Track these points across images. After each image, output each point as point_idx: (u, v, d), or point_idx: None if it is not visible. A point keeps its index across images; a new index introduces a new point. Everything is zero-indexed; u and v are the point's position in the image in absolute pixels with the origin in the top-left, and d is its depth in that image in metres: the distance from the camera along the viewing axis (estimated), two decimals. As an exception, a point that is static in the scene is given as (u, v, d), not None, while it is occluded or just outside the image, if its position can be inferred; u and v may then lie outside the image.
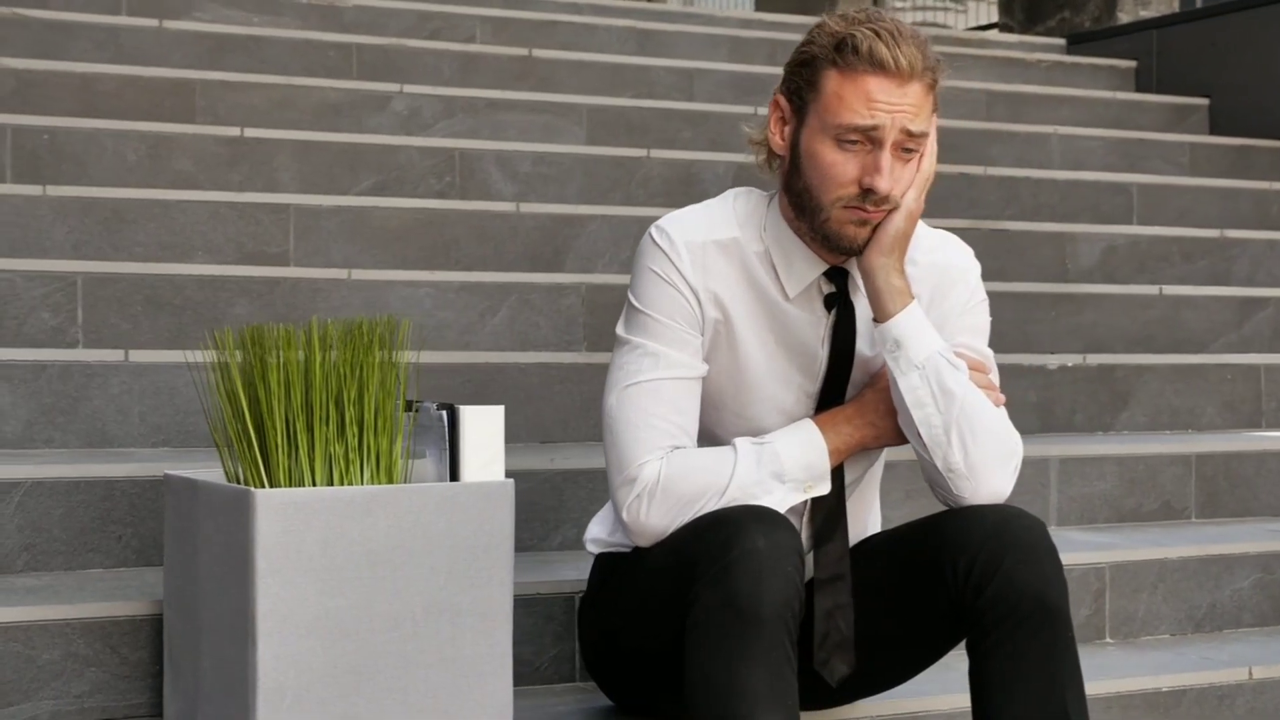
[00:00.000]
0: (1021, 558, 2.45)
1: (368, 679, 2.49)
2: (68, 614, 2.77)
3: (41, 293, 3.75)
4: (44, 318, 3.74)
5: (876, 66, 2.48)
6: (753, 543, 2.36)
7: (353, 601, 2.48)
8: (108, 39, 5.28)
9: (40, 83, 4.83)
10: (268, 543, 2.43)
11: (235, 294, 3.91)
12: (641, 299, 2.59)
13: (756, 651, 2.33)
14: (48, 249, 4.08)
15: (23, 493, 3.05)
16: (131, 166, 4.54)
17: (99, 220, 4.15)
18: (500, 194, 4.93)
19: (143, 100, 4.92)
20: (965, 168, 5.69)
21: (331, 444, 2.49)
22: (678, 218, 2.64)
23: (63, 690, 2.76)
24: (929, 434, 2.53)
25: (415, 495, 2.52)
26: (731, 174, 5.25)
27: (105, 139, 4.52)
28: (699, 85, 6.12)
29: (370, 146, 4.83)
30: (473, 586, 2.55)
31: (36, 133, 4.45)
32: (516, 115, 5.41)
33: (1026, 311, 4.81)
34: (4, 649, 2.73)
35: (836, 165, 2.50)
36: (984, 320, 2.70)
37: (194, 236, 4.23)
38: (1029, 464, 3.87)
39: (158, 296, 3.84)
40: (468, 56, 5.79)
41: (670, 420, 2.54)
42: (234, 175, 4.64)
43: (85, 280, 3.78)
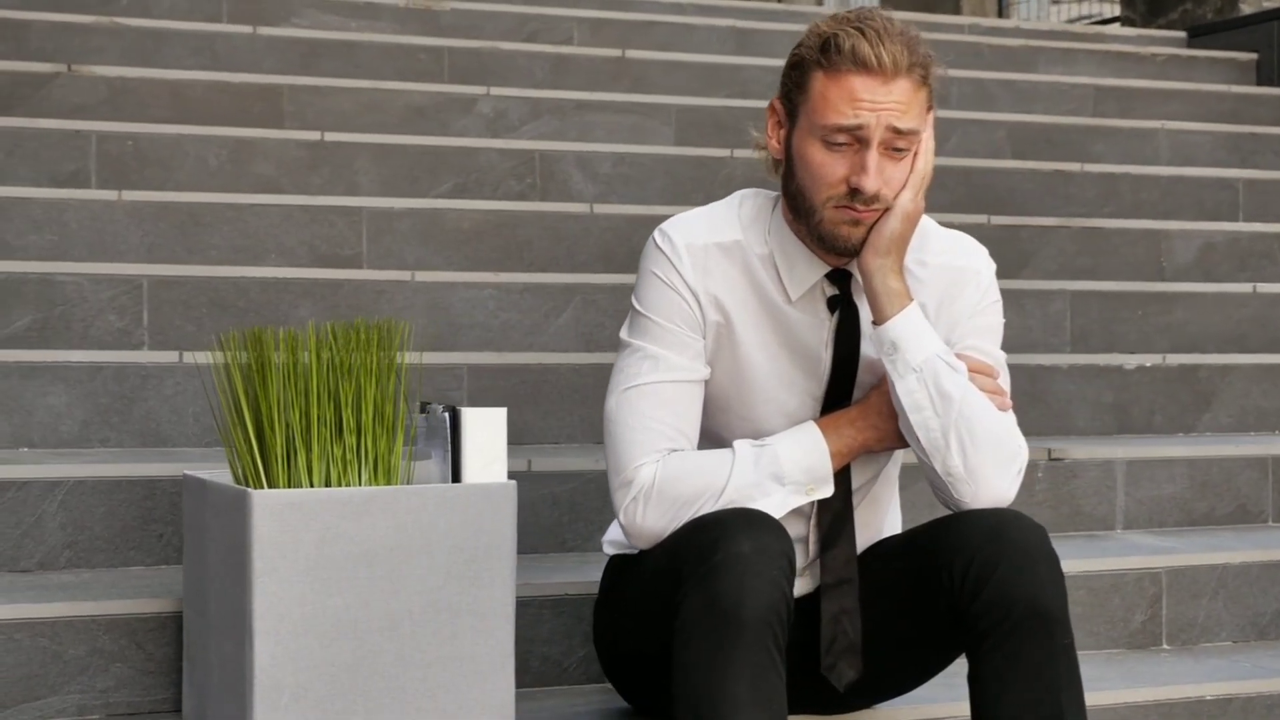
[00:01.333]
0: (1016, 563, 2.41)
1: (365, 677, 2.51)
2: (94, 610, 2.83)
3: (109, 295, 3.83)
4: (110, 320, 3.82)
5: (860, 65, 2.46)
6: (737, 546, 2.35)
7: (350, 601, 2.50)
8: (203, 45, 5.39)
9: (131, 90, 4.94)
10: (264, 542, 2.46)
11: (299, 296, 3.97)
12: (643, 302, 2.59)
13: (739, 655, 2.32)
14: (123, 252, 4.17)
15: (65, 491, 3.12)
16: (213, 171, 4.62)
17: (174, 224, 4.23)
18: (580, 195, 4.95)
19: (230, 106, 5.00)
20: (1062, 165, 5.60)
21: (329, 445, 2.52)
22: (681, 220, 2.64)
23: (88, 685, 2.82)
24: (926, 437, 2.50)
25: (413, 496, 2.54)
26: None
27: (188, 144, 4.61)
28: (796, 84, 6.07)
29: (451, 149, 4.87)
30: (473, 587, 2.57)
31: (121, 139, 4.55)
32: (605, 116, 5.42)
33: (1113, 311, 4.73)
34: (31, 644, 2.79)
35: (825, 166, 2.49)
36: (995, 322, 2.66)
37: (267, 240, 4.29)
38: (1095, 466, 3.82)
39: (222, 299, 3.91)
40: (560, 58, 5.82)
41: (668, 423, 2.54)
42: (314, 179, 4.71)
43: (151, 283, 3.86)
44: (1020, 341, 4.56)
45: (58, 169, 4.47)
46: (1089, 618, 3.43)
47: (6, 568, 3.09)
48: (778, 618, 2.34)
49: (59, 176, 4.47)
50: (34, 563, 3.11)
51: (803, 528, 2.64)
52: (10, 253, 4.07)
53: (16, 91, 4.82)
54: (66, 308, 3.79)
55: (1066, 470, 3.83)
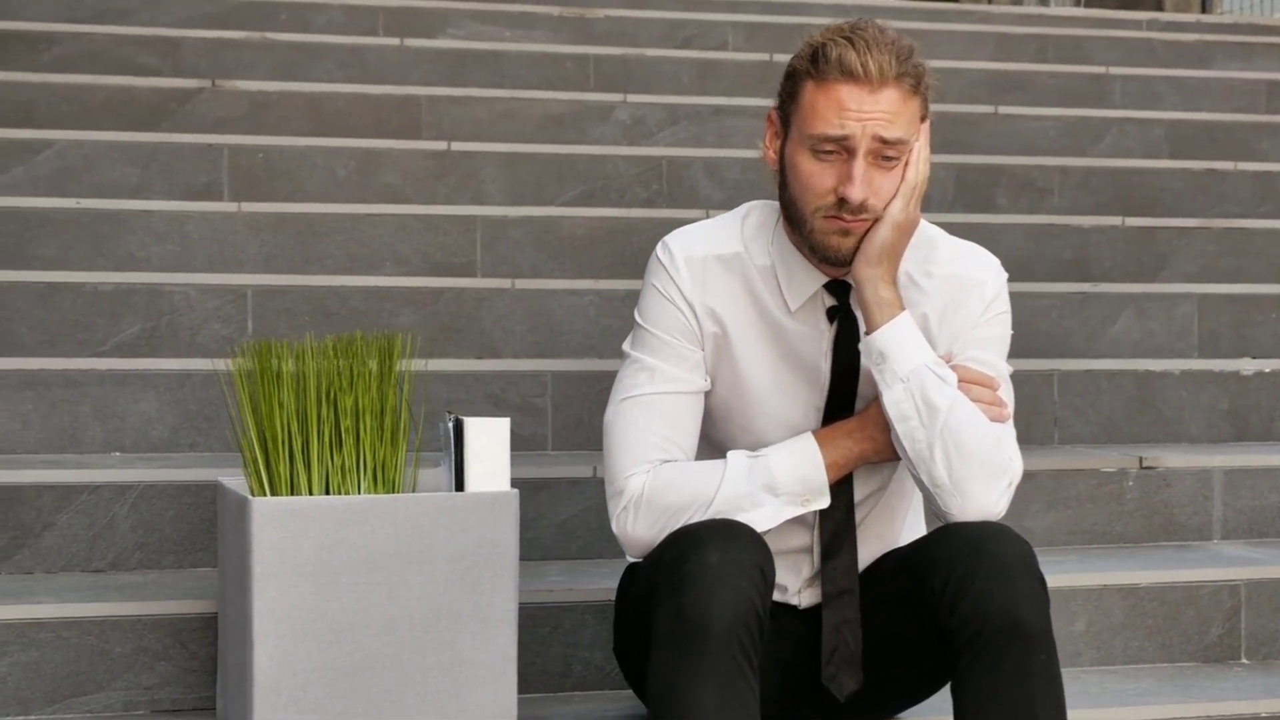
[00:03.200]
0: (993, 577, 2.38)
1: (364, 680, 2.58)
2: (139, 610, 2.96)
3: (214, 305, 3.98)
4: (215, 328, 3.97)
5: (847, 74, 2.45)
6: (706, 557, 2.37)
7: (349, 606, 2.58)
8: (351, 59, 5.54)
9: (272, 104, 5.11)
10: (264, 548, 2.55)
11: (400, 304, 4.07)
12: (643, 314, 2.62)
13: (706, 666, 2.33)
14: (242, 262, 4.32)
15: (136, 495, 3.26)
16: (341, 182, 4.75)
17: (291, 235, 4.36)
18: (707, 201, 4.97)
19: (369, 117, 5.14)
20: (1215, 163, 5.45)
21: (328, 453, 2.60)
22: (684, 232, 2.66)
23: (134, 682, 2.94)
24: (913, 448, 2.48)
25: (412, 504, 2.61)
26: (952, 177, 5.17)
27: (316, 156, 4.75)
28: (950, 85, 6.00)
29: (578, 157, 4.94)
30: (474, 593, 2.62)
31: (251, 152, 4.71)
32: (743, 121, 5.43)
33: (1246, 314, 4.59)
34: (80, 642, 2.93)
35: (814, 175, 2.49)
36: (999, 333, 2.63)
37: (382, 249, 4.41)
38: (1190, 475, 3.74)
39: (324, 307, 4.03)
40: (707, 64, 5.85)
41: (661, 434, 2.56)
42: (440, 188, 4.81)
43: (255, 293, 4.00)
44: (1141, 347, 4.47)
45: (191, 182, 4.65)
46: (1161, 630, 3.36)
47: (79, 567, 3.24)
48: (745, 628, 2.35)
49: (192, 189, 4.64)
50: (106, 563, 3.25)
51: (806, 538, 2.64)
52: (134, 264, 4.25)
53: (163, 107, 5.02)
54: (174, 316, 3.95)
55: (1159, 479, 3.74)
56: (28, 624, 2.91)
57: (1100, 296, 4.50)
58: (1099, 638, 3.35)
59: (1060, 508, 3.70)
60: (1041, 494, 3.69)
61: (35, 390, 3.57)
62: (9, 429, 3.55)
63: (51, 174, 4.56)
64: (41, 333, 3.88)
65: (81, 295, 3.91)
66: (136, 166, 4.62)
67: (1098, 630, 3.35)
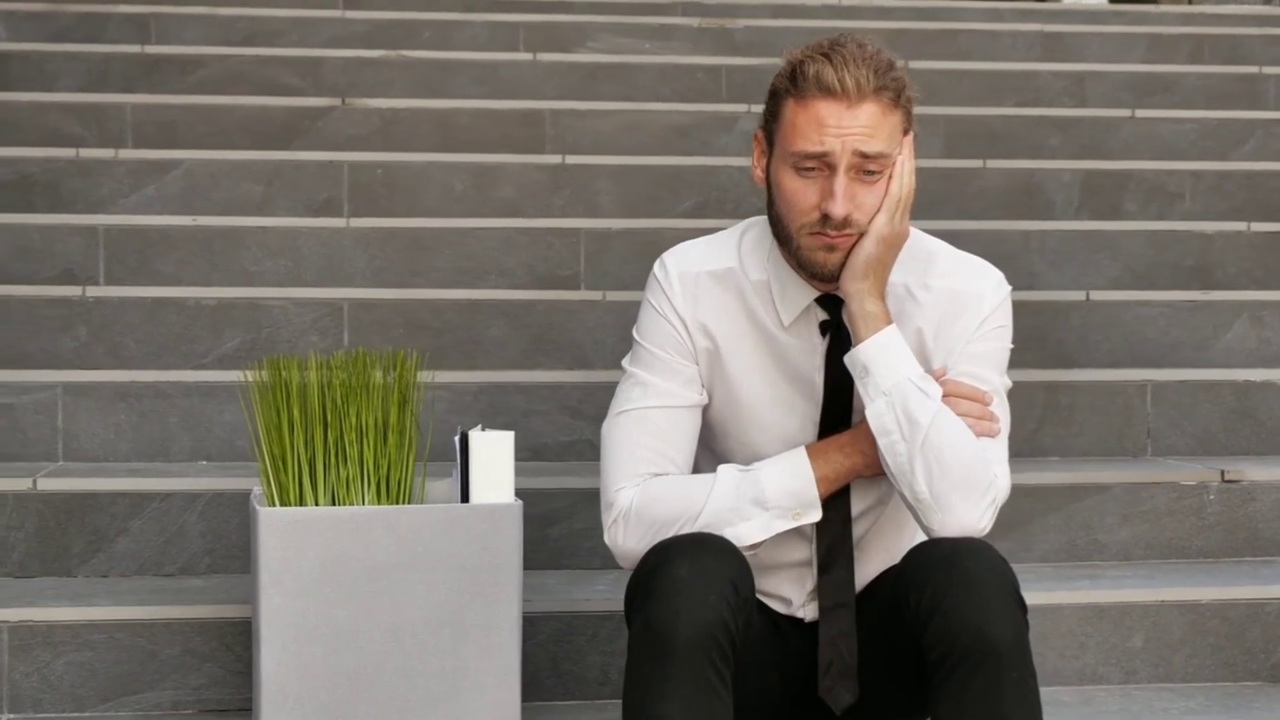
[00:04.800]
0: (965, 593, 2.37)
1: (368, 686, 2.67)
2: (186, 614, 3.09)
3: (311, 318, 4.11)
4: (313, 341, 4.10)
5: (824, 90, 2.47)
6: (674, 570, 2.40)
7: (353, 613, 2.66)
8: (484, 74, 5.66)
9: (402, 120, 5.25)
10: (270, 556, 2.65)
11: (492, 316, 4.16)
12: (639, 330, 2.66)
13: (672, 679, 2.36)
14: (351, 276, 4.45)
15: (205, 502, 3.40)
16: (458, 196, 4.87)
17: (399, 249, 4.49)
18: (824, 210, 4.96)
19: (494, 132, 5.25)
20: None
21: (334, 465, 2.69)
22: (680, 248, 2.69)
23: (182, 682, 3.08)
24: (894, 462, 2.48)
25: (415, 515, 2.69)
26: (1079, 182, 5.10)
27: (434, 171, 4.87)
28: (1092, 89, 5.93)
29: (692, 168, 4.98)
30: (477, 602, 2.69)
31: (371, 168, 4.85)
32: (870, 129, 5.40)
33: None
34: (131, 643, 3.07)
35: (798, 193, 2.50)
36: (994, 347, 2.61)
37: (487, 262, 4.50)
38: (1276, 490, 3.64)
39: (417, 320, 4.14)
40: (842, 72, 5.82)
41: (652, 448, 2.59)
42: (555, 201, 4.90)
43: (351, 306, 4.12)
44: (1256, 356, 4.36)
45: (312, 198, 4.81)
46: (1223, 648, 3.31)
47: (152, 572, 3.39)
48: (713, 641, 2.37)
49: (313, 205, 4.80)
50: (176, 568, 3.40)
51: (807, 552, 2.66)
52: (248, 279, 4.41)
53: (295, 125, 5.19)
54: (272, 330, 4.09)
55: (1243, 493, 3.66)
56: (82, 625, 3.06)
57: (1211, 305, 4.41)
58: (1157, 654, 3.30)
59: (1137, 521, 3.64)
60: (1117, 507, 3.64)
61: (127, 402, 3.73)
62: (104, 438, 3.72)
63: (180, 192, 4.76)
64: (148, 346, 4.05)
65: (185, 310, 4.07)
66: (260, 184, 4.79)
67: (1155, 646, 3.30)
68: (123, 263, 4.38)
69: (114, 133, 5.11)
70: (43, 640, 3.05)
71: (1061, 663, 3.27)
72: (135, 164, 4.76)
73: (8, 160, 4.75)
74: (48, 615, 3.06)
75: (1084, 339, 4.35)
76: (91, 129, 5.11)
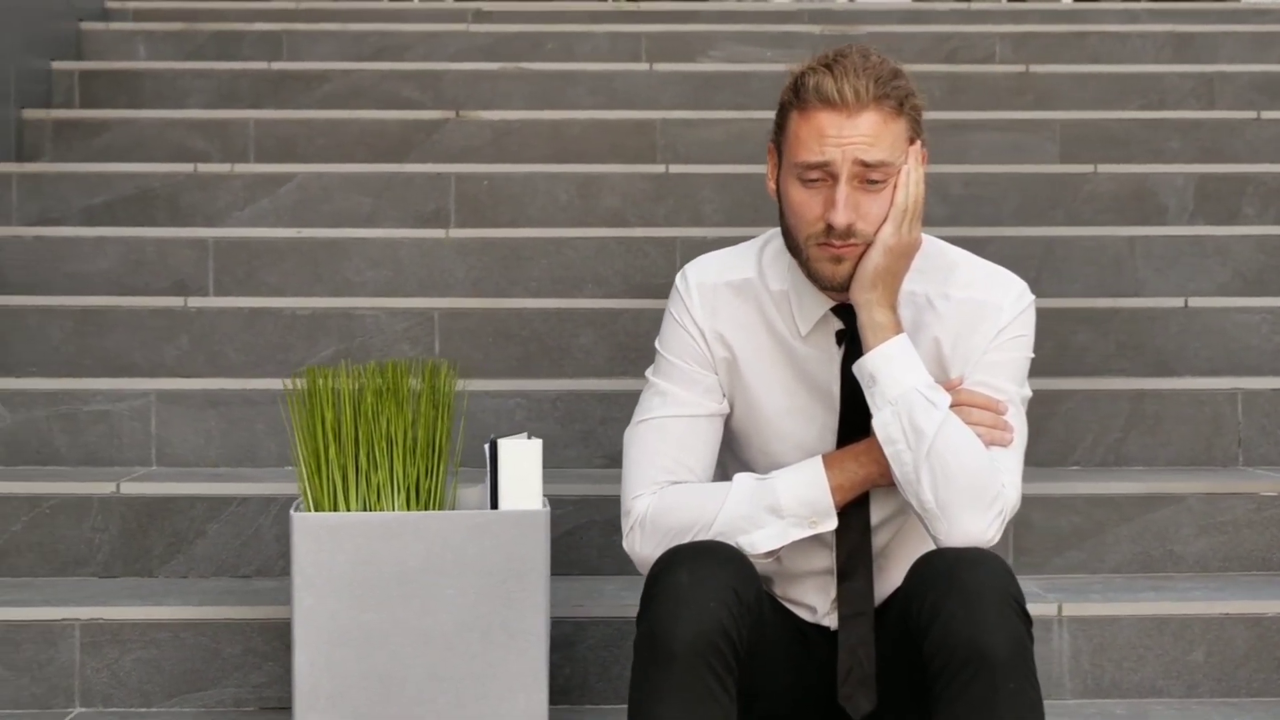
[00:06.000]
0: (962, 604, 2.37)
1: (398, 688, 2.75)
2: (247, 614, 3.20)
3: (402, 327, 4.21)
4: (404, 349, 4.20)
5: (824, 101, 2.49)
6: (676, 576, 2.43)
7: (384, 617, 2.74)
8: (601, 85, 5.72)
9: (514, 132, 5.33)
10: (303, 560, 2.74)
11: (580, 325, 4.23)
12: (660, 340, 2.70)
13: (670, 685, 2.39)
14: (450, 286, 4.55)
15: (279, 507, 3.51)
16: (563, 206, 4.94)
17: (497, 258, 4.57)
18: (930, 217, 4.92)
19: (605, 142, 5.31)
20: None
21: (364, 472, 2.77)
22: (702, 260, 2.73)
23: (243, 680, 3.19)
24: (900, 471, 2.49)
25: (443, 521, 2.76)
26: (1193, 186, 5.01)
27: (539, 181, 4.95)
28: (1220, 90, 5.82)
29: (797, 176, 4.98)
30: (505, 607, 2.76)
31: (477, 179, 4.94)
32: (983, 135, 5.39)
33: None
34: (195, 642, 3.19)
35: (803, 204, 2.52)
36: (1012, 357, 2.60)
37: (583, 271, 4.57)
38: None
39: (505, 329, 4.22)
40: (961, 77, 5.81)
41: (670, 456, 2.63)
42: (659, 210, 4.95)
43: (441, 315, 4.22)
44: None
45: (420, 210, 4.91)
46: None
47: (229, 573, 3.51)
48: (712, 647, 2.39)
49: (421, 217, 4.90)
50: (252, 570, 3.51)
51: (829, 560, 2.68)
52: (350, 289, 4.53)
53: (411, 138, 5.30)
54: (365, 339, 4.20)
55: (1325, 505, 3.59)
56: (149, 624, 3.19)
57: (1314, 311, 4.32)
58: (1219, 668, 3.26)
59: (1214, 533, 3.59)
60: (1192, 518, 3.59)
61: (217, 409, 3.86)
62: (194, 444, 3.86)
63: (292, 205, 4.89)
64: (246, 354, 4.18)
65: (281, 319, 4.20)
66: (370, 196, 4.91)
67: (1218, 660, 3.26)
68: (231, 274, 4.52)
69: (237, 148, 5.27)
70: (112, 638, 3.18)
71: (1119, 675, 3.24)
72: (250, 178, 4.91)
73: (130, 175, 4.92)
74: (117, 614, 3.19)
75: (1182, 346, 4.29)
76: (215, 144, 5.28)
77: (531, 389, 3.93)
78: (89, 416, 3.84)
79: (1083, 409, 3.94)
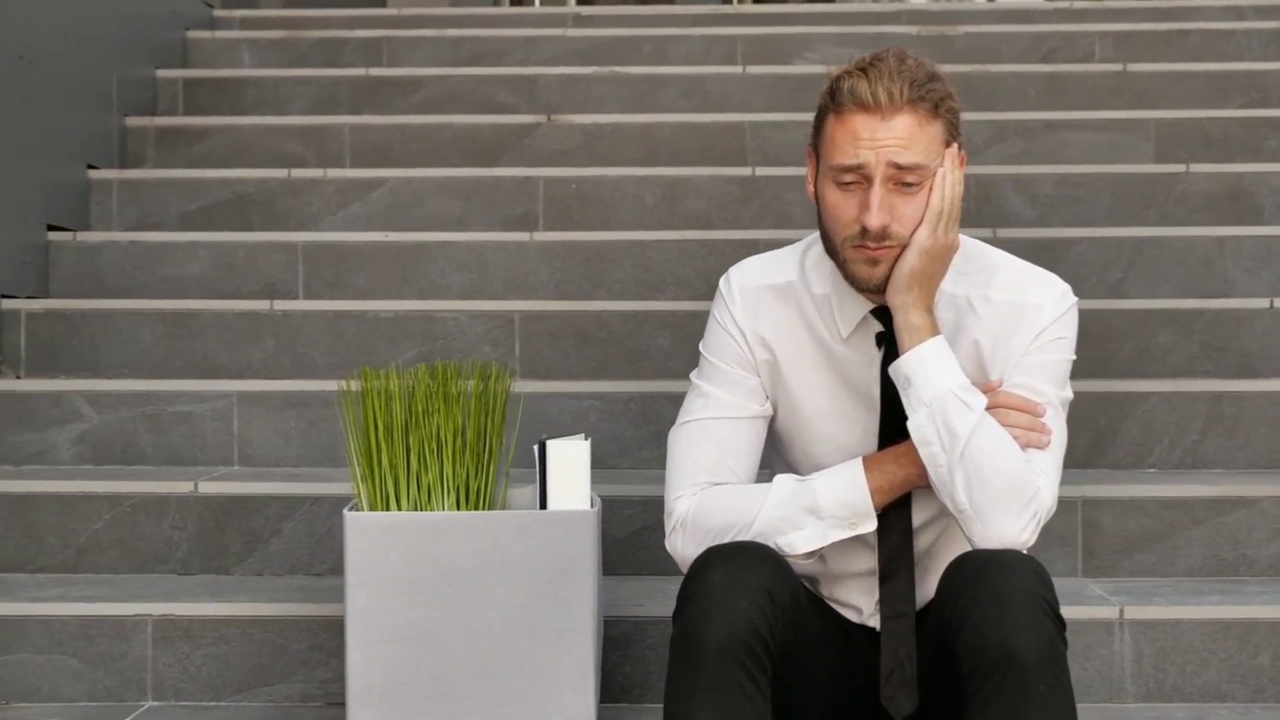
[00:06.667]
0: (991, 606, 2.37)
1: (448, 684, 2.80)
2: (314, 611, 3.27)
3: (483, 329, 4.27)
4: (486, 351, 4.26)
5: (859, 104, 2.50)
6: (709, 577, 2.46)
7: (433, 614, 2.79)
8: (693, 88, 5.75)
9: (605, 135, 5.37)
10: (356, 559, 2.80)
11: (658, 327, 4.26)
12: (704, 343, 2.73)
13: (701, 684, 2.41)
14: (535, 289, 4.60)
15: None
16: (650, 209, 4.97)
17: (580, 261, 4.62)
18: (1017, 219, 4.94)
19: (694, 145, 5.33)
20: None
21: (414, 472, 2.82)
22: (746, 263, 2.75)
23: (310, 675, 3.25)
24: (935, 473, 2.50)
25: (491, 521, 2.80)
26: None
27: (627, 185, 4.98)
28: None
29: (884, 178, 4.98)
30: (553, 606, 2.80)
31: (565, 183, 4.99)
32: (1078, 135, 5.35)
33: None
34: (263, 638, 3.26)
35: (839, 206, 2.54)
36: (1052, 359, 2.59)
37: (665, 274, 4.60)
38: None
39: (584, 331, 4.26)
40: (1058, 76, 5.76)
41: (711, 457, 2.66)
42: (745, 213, 4.97)
43: (521, 318, 4.27)
44: None
45: (509, 213, 4.97)
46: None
47: (303, 571, 3.59)
48: (744, 646, 2.41)
49: (510, 220, 4.96)
50: (326, 568, 3.58)
51: (872, 561, 2.69)
52: (436, 292, 4.59)
53: (504, 142, 5.36)
54: (447, 341, 4.26)
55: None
56: (219, 620, 3.26)
57: None
58: (1287, 673, 3.22)
59: (1290, 535, 3.55)
60: (1265, 521, 3.56)
61: (297, 410, 3.94)
62: (274, 445, 3.94)
63: (384, 210, 4.97)
64: (330, 356, 4.26)
65: (365, 322, 4.27)
66: (459, 200, 4.97)
67: (1286, 665, 3.22)
68: (319, 277, 4.60)
69: (333, 153, 5.36)
70: (183, 633, 3.26)
71: (1182, 679, 3.22)
72: (342, 183, 4.99)
73: (226, 181, 5.03)
74: (188, 610, 3.27)
75: (1266, 348, 4.23)
76: (312, 150, 5.37)
77: (606, 390, 3.97)
78: (173, 417, 3.94)
79: (1160, 411, 3.91)
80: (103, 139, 5.18)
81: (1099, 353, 4.19)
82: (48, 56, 4.67)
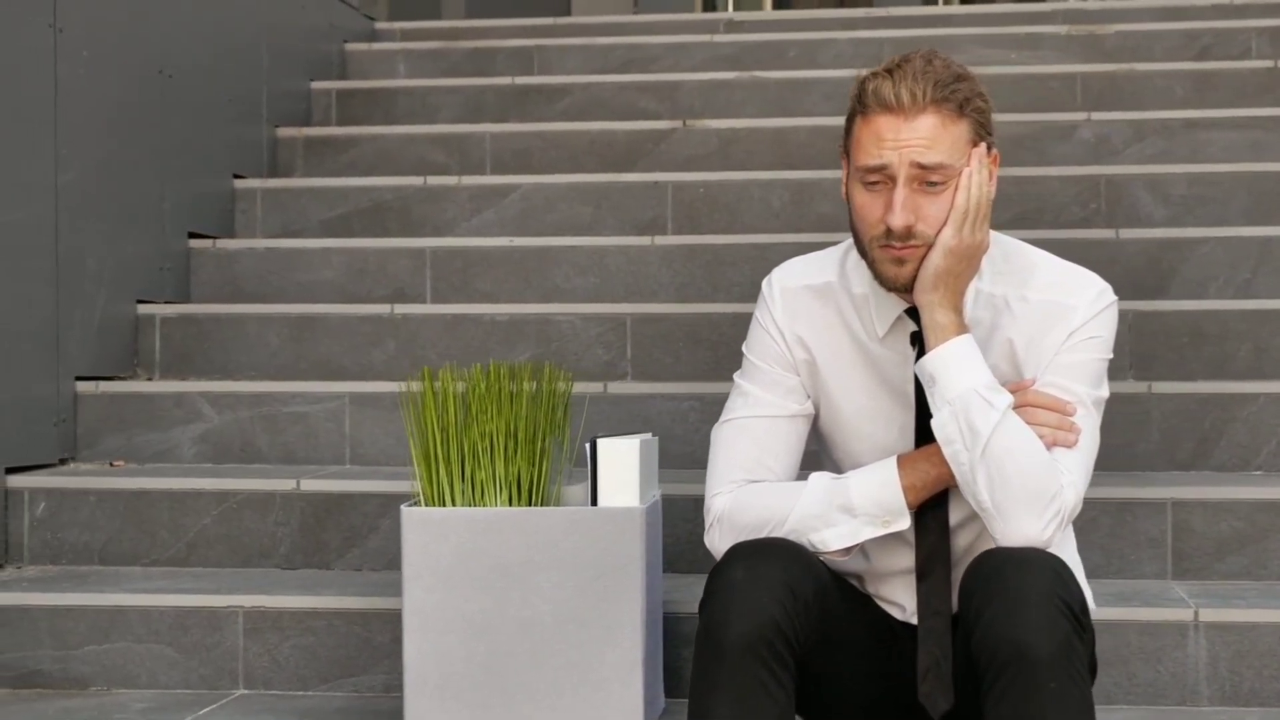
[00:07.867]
0: (1005, 603, 2.37)
1: (500, 675, 2.87)
2: (396, 605, 3.34)
3: (596, 332, 4.35)
4: (598, 354, 4.34)
5: (882, 105, 2.52)
6: (731, 573, 2.49)
7: (486, 607, 2.87)
8: (836, 90, 5.75)
9: (739, 140, 5.42)
10: (412, 552, 2.89)
11: (754, 330, 4.29)
12: (746, 343, 2.77)
13: (722, 680, 2.45)
14: (655, 291, 4.66)
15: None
16: (776, 212, 5.01)
17: (700, 264, 4.67)
18: (1149, 219, 4.87)
19: (828, 149, 5.34)
20: None
21: (469, 469, 2.90)
22: (787, 264, 2.79)
23: (391, 667, 3.35)
24: (958, 471, 2.51)
25: (541, 518, 2.87)
26: None
27: (754, 189, 5.02)
28: None
29: (1017, 179, 4.95)
30: (602, 601, 2.86)
31: (693, 187, 5.04)
32: (1221, 133, 5.25)
33: None
34: (347, 630, 3.37)
35: (865, 207, 2.56)
36: (1085, 359, 2.58)
37: (781, 276, 4.62)
38: None
39: (694, 333, 4.32)
40: (1207, 75, 5.66)
41: (749, 455, 2.69)
42: (880, 215, 4.95)
43: (633, 320, 4.34)
44: None
45: (639, 218, 5.04)
46: None
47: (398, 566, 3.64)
48: (764, 641, 2.44)
49: (640, 225, 5.03)
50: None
51: (906, 560, 2.70)
52: (559, 295, 4.68)
53: (640, 148, 5.44)
54: (561, 343, 4.35)
55: None
56: (306, 612, 3.38)
57: None
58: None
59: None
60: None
61: (403, 411, 4.05)
62: (384, 444, 4.06)
63: (516, 215, 5.08)
64: (448, 358, 4.36)
65: (481, 325, 4.38)
66: (590, 205, 5.06)
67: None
68: (447, 281, 4.72)
69: (474, 161, 5.48)
70: (272, 625, 3.38)
71: (1259, 683, 3.16)
72: (476, 189, 5.11)
73: (366, 189, 5.18)
74: (278, 603, 3.40)
75: (1388, 349, 4.13)
76: (455, 158, 5.50)
77: (704, 391, 4.01)
78: (288, 418, 4.08)
79: (1267, 412, 3.83)
80: (250, 149, 5.37)
81: (1215, 354, 4.12)
82: (190, 71, 4.86)
